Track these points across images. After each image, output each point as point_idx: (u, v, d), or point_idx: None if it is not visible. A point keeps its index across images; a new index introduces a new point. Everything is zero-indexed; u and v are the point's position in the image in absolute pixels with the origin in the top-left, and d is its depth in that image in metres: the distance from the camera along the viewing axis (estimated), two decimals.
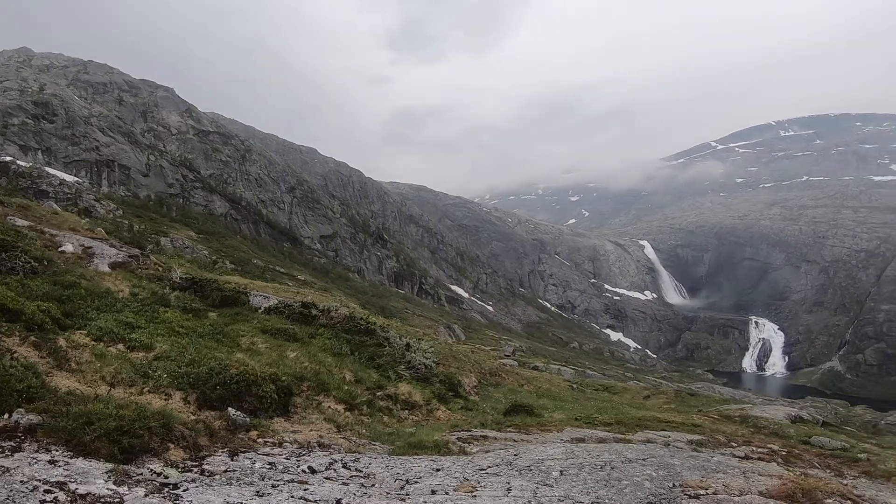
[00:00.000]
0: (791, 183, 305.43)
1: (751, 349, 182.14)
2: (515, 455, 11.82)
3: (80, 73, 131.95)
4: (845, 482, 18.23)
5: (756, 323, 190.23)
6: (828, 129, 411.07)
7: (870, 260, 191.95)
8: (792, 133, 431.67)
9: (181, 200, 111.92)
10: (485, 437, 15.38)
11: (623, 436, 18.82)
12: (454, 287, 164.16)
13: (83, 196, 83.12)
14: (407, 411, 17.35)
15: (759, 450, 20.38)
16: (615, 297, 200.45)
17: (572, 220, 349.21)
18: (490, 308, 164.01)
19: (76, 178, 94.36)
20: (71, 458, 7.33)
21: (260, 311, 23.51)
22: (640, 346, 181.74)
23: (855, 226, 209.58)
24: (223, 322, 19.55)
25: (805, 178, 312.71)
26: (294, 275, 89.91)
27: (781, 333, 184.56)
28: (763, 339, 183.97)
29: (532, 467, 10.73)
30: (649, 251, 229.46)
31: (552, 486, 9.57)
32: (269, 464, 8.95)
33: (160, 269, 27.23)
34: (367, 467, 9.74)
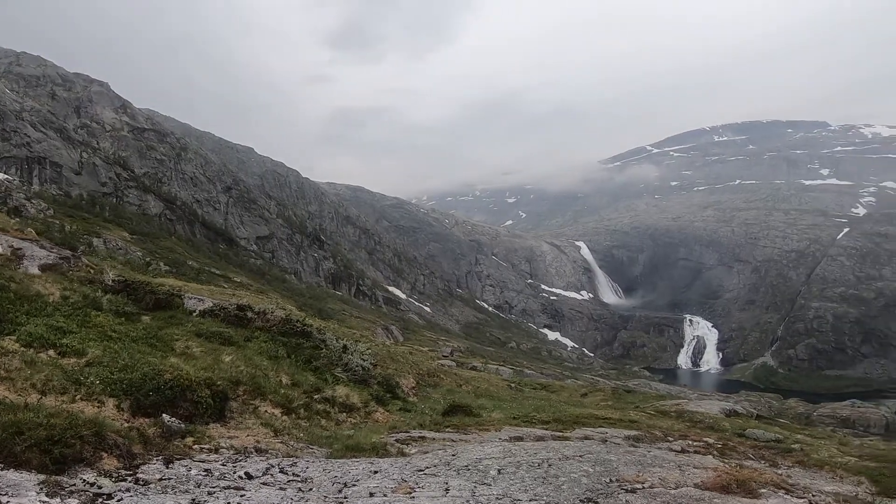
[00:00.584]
0: (724, 186, 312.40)
1: (686, 346, 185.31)
2: (454, 455, 11.84)
3: (13, 66, 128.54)
4: (780, 472, 18.59)
5: (690, 321, 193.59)
6: (760, 135, 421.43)
7: (800, 260, 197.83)
8: (725, 138, 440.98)
9: (115, 200, 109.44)
10: (423, 438, 15.37)
11: (561, 433, 18.93)
12: (392, 288, 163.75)
13: (13, 194, 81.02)
14: (345, 414, 17.23)
15: (695, 443, 20.67)
16: (552, 297, 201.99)
17: (509, 222, 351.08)
18: (428, 309, 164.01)
19: (6, 176, 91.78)
20: (1, 469, 7.15)
21: (195, 314, 23.14)
22: (577, 345, 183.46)
23: (785, 227, 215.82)
24: (157, 326, 19.16)
25: (738, 181, 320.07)
26: (230, 276, 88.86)
27: (715, 331, 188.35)
28: (697, 336, 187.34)
29: (470, 467, 10.75)
30: (585, 252, 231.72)
31: (490, 485, 9.61)
32: (205, 471, 8.82)
33: (92, 271, 26.65)
34: (305, 471, 9.67)
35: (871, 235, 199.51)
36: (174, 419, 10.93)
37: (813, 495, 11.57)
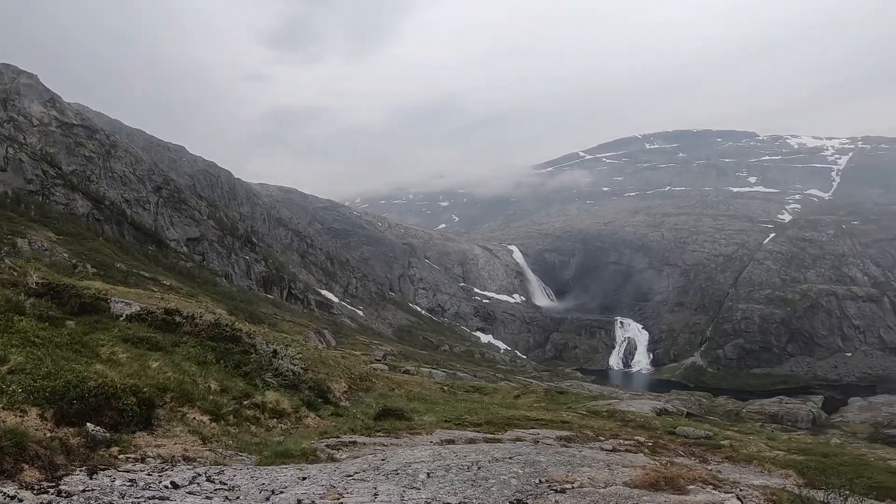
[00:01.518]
0: (655, 192, 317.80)
1: (617, 347, 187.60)
2: (383, 459, 11.84)
3: None
4: (709, 467, 18.96)
5: (621, 323, 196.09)
6: (690, 144, 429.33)
7: (727, 263, 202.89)
8: (657, 146, 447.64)
9: (41, 198, 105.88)
10: (354, 443, 15.33)
11: (493, 435, 19.04)
12: (324, 292, 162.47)
13: None
14: (275, 420, 17.07)
15: (627, 442, 20.98)
16: (485, 301, 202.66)
17: (442, 225, 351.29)
18: (361, 313, 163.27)
19: None
20: None
21: (121, 318, 22.65)
22: (509, 348, 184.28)
23: (714, 232, 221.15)
24: (82, 331, 18.69)
25: (668, 188, 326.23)
26: (159, 279, 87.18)
27: (646, 332, 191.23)
28: (628, 337, 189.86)
29: (399, 471, 10.77)
30: (518, 256, 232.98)
31: (419, 489, 9.63)
32: (130, 481, 8.67)
33: (15, 273, 25.97)
34: (232, 479, 9.57)
35: (796, 240, 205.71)
36: (99, 428, 10.71)
37: (741, 490, 11.82)
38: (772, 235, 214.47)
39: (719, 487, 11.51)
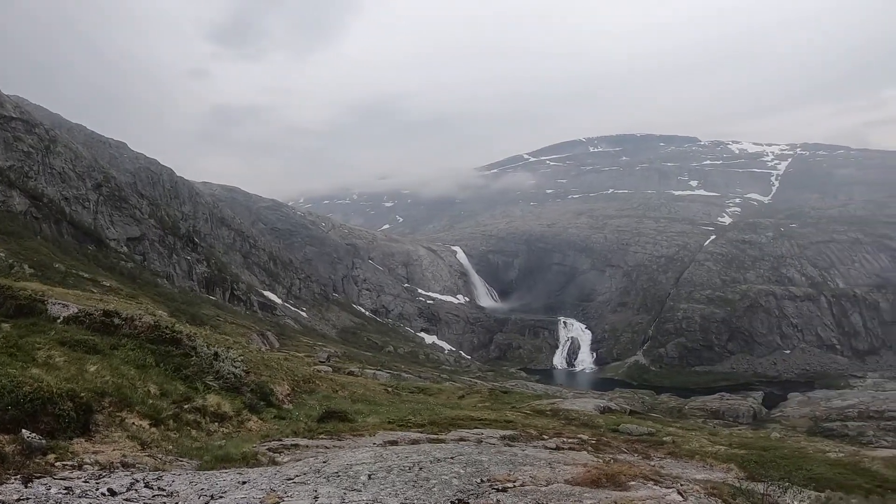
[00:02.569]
0: (598, 195, 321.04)
1: (561, 347, 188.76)
2: (325, 462, 11.79)
3: None
4: (652, 463, 19.20)
5: (565, 323, 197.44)
6: (633, 148, 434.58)
7: (669, 265, 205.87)
8: (600, 150, 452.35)
9: None
10: (296, 446, 15.25)
11: (437, 436, 19.05)
12: (267, 293, 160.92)
13: None
14: (216, 423, 16.90)
15: (570, 440, 21.14)
16: (429, 301, 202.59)
17: (386, 226, 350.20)
18: (304, 314, 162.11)
19: None
20: None
21: (59, 320, 22.23)
22: (454, 348, 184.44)
23: (655, 234, 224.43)
24: (17, 334, 18.28)
25: (611, 190, 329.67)
26: (99, 280, 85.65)
27: (589, 332, 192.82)
28: (572, 337, 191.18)
29: (341, 473, 10.73)
30: (461, 256, 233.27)
31: (360, 491, 9.61)
32: (66, 489, 8.51)
33: None
34: (171, 485, 9.44)
35: (736, 242, 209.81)
36: (35, 435, 10.48)
37: (682, 484, 11.92)
38: (712, 237, 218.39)
39: (660, 483, 11.65)
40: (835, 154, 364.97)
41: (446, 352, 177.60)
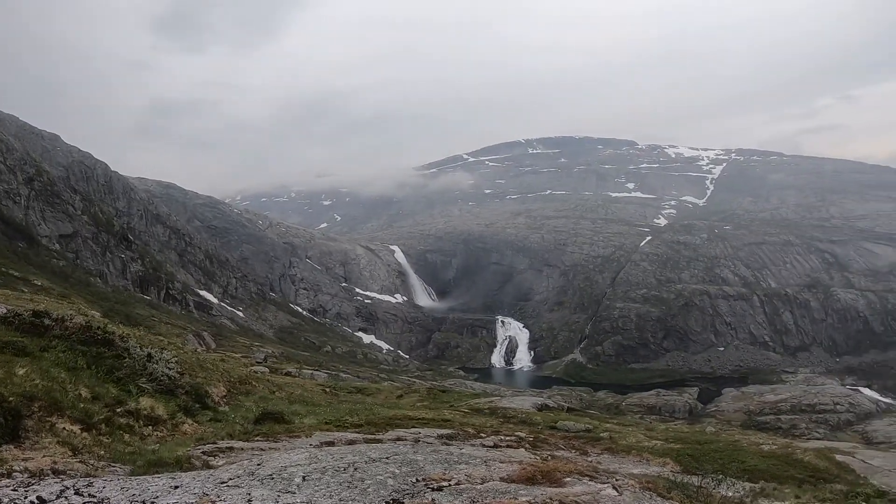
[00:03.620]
0: (536, 196, 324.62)
1: (499, 346, 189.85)
2: (259, 464, 11.68)
3: None
4: (590, 459, 19.44)
5: (502, 322, 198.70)
6: (572, 150, 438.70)
7: (605, 265, 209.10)
8: (539, 151, 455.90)
9: None
10: (231, 449, 15.09)
11: (374, 436, 19.06)
12: (203, 292, 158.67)
13: None
14: (150, 427, 16.63)
15: (508, 438, 21.29)
16: (366, 301, 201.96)
17: (324, 225, 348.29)
18: (241, 314, 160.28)
19: None
20: None
21: None
22: (392, 348, 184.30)
23: (592, 235, 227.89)
24: None
25: (549, 191, 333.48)
26: (30, 279, 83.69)
27: (526, 331, 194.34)
28: (509, 336, 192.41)
29: (274, 475, 10.64)
30: (399, 256, 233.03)
31: (294, 493, 9.56)
32: None
33: None
34: (102, 491, 9.28)
35: (671, 243, 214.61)
36: None
37: (616, 479, 12.02)
38: (648, 238, 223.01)
39: (595, 478, 11.77)
40: (768, 160, 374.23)
41: (385, 351, 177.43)
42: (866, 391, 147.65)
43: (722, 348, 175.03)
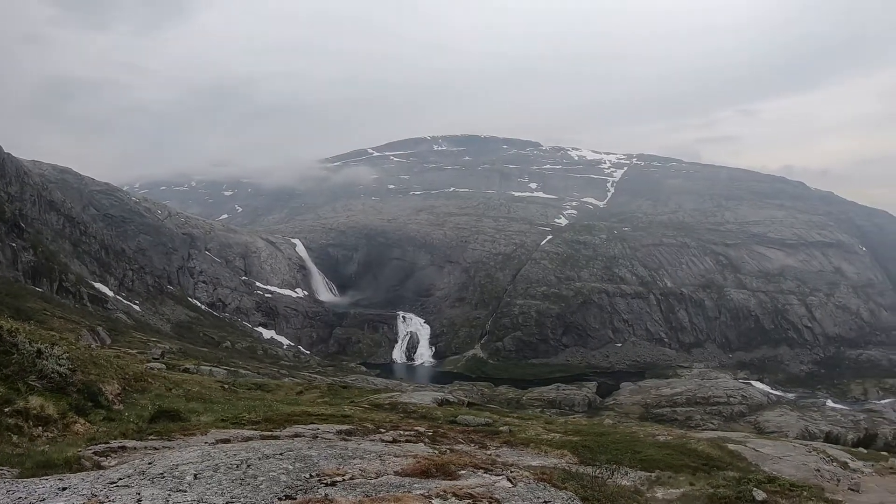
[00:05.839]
0: (439, 192, 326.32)
1: (400, 342, 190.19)
2: (150, 463, 11.53)
3: None
4: (489, 453, 19.72)
5: (404, 317, 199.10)
6: (477, 148, 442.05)
7: (506, 262, 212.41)
8: (444, 148, 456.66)
9: None
10: (124, 448, 14.83)
11: (271, 433, 18.94)
12: (98, 285, 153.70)
13: None
14: (41, 427, 16.20)
15: (407, 433, 21.37)
16: (267, 295, 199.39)
17: (225, 216, 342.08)
18: (137, 308, 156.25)
19: None
20: None
21: None
22: (293, 343, 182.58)
23: (494, 233, 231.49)
24: None
25: (452, 189, 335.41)
26: None
27: (427, 326, 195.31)
28: (411, 332, 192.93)
29: (166, 474, 10.54)
30: (301, 249, 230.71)
31: (186, 491, 9.51)
32: None
33: None
34: None
35: (571, 243, 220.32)
36: None
37: (512, 471, 12.27)
38: (549, 237, 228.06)
39: (491, 471, 11.99)
40: (667, 165, 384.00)
41: (285, 347, 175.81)
42: (758, 384, 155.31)
43: (620, 344, 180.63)
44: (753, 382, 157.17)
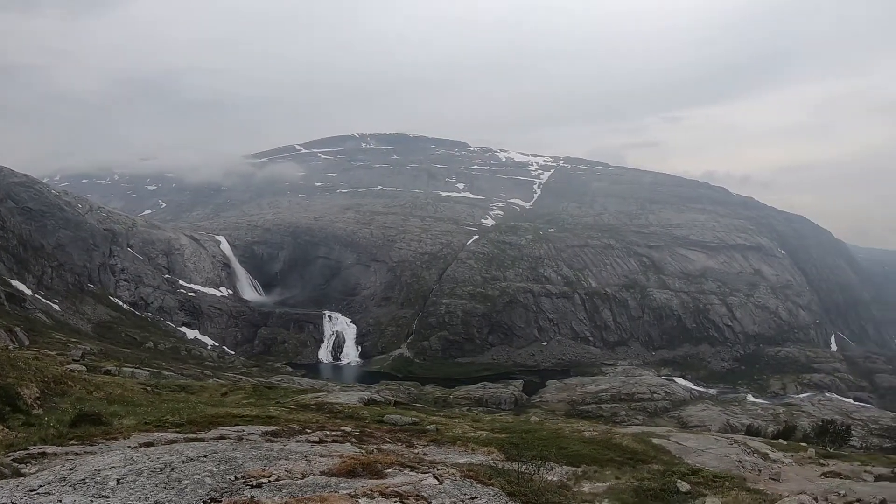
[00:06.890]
0: (366, 191, 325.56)
1: (326, 341, 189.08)
2: (72, 469, 11.43)
3: None
4: (416, 451, 19.94)
5: (329, 317, 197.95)
6: (405, 148, 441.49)
7: (432, 262, 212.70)
8: (372, 147, 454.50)
9: None
10: (44, 455, 14.65)
11: (195, 435, 18.82)
12: (15, 282, 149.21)
13: None
14: None
15: (334, 433, 21.45)
16: (190, 294, 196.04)
17: (148, 211, 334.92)
18: (57, 307, 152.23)
19: None
20: None
21: None
22: (217, 343, 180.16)
23: (421, 232, 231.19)
24: None
25: (380, 187, 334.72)
26: None
27: (353, 326, 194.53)
28: (337, 331, 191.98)
29: (88, 480, 10.47)
30: (225, 247, 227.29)
31: (108, 497, 9.49)
32: None
33: None
34: None
35: (498, 243, 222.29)
36: None
37: (438, 469, 12.48)
38: (475, 237, 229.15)
39: (417, 469, 12.20)
40: (594, 169, 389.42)
41: (209, 347, 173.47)
42: (681, 381, 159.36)
43: (545, 343, 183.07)
44: (676, 379, 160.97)
